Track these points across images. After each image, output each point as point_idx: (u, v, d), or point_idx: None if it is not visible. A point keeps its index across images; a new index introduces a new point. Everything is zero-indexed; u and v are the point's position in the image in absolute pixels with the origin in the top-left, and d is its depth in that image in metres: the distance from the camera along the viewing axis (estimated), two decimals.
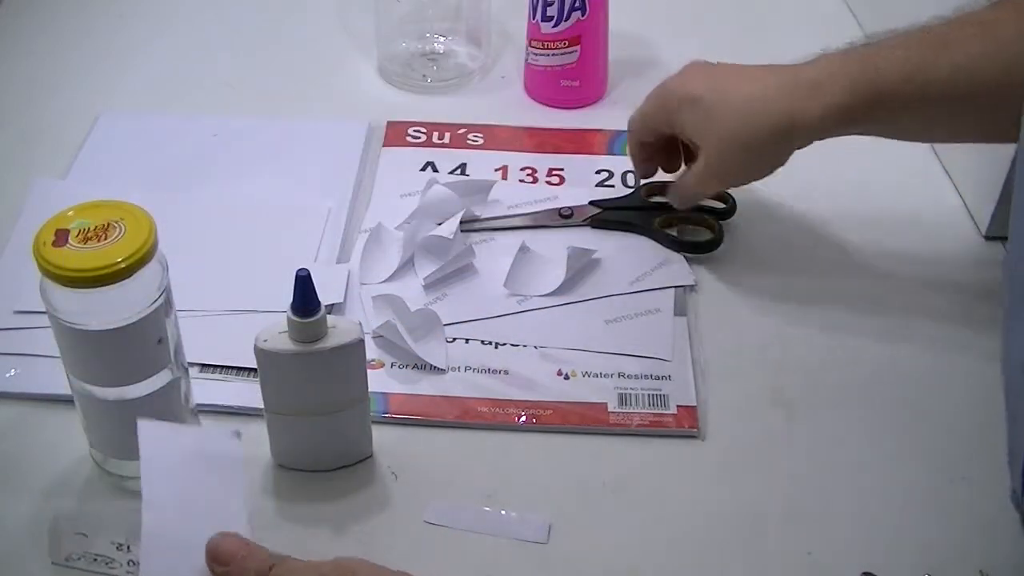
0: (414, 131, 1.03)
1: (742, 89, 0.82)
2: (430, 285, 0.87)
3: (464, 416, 0.78)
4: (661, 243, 0.91)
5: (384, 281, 0.88)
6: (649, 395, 0.80)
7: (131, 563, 0.57)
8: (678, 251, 0.90)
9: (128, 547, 0.57)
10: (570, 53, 1.04)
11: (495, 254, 0.90)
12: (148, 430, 0.60)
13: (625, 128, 1.03)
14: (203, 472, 0.60)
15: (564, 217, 0.94)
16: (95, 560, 0.57)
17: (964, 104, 0.78)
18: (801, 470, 0.76)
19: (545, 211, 0.94)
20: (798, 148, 0.81)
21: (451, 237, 0.87)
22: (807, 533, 0.72)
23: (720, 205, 0.93)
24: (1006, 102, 0.69)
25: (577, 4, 1.01)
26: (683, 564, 0.71)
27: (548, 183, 0.98)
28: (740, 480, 0.75)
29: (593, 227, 0.93)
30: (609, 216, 0.94)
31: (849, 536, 0.72)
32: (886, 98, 0.78)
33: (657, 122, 0.89)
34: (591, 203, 0.94)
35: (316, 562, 0.60)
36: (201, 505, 0.59)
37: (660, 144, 0.91)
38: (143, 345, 0.67)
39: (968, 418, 0.79)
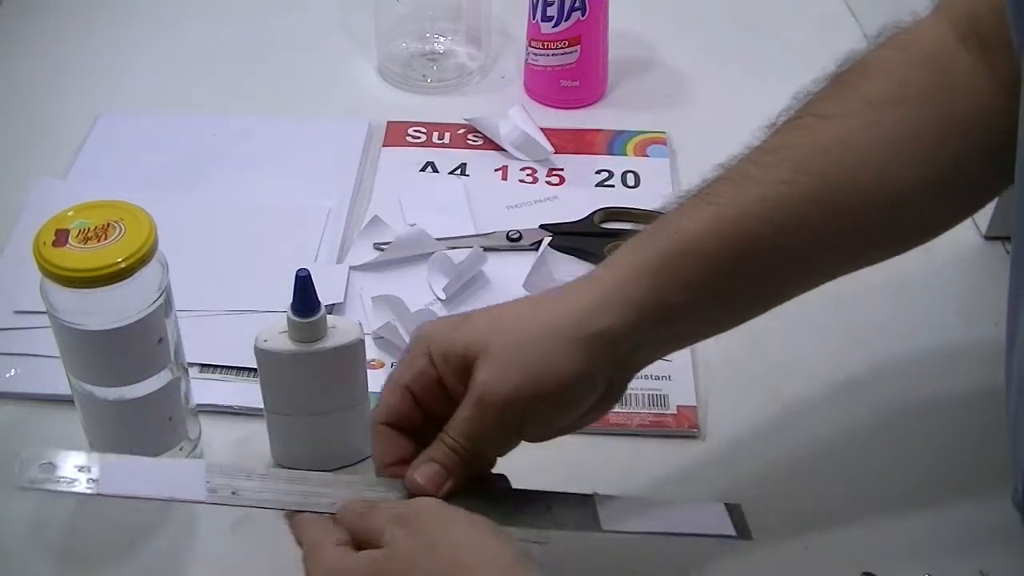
0: (414, 131, 1.03)
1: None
2: (450, 298, 0.86)
3: None
4: None
5: (359, 266, 0.88)
6: (649, 395, 0.80)
7: (90, 480, 0.60)
8: None
9: (90, 468, 0.60)
10: (570, 53, 1.04)
11: (502, 264, 0.90)
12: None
13: (625, 128, 1.04)
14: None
15: (512, 240, 0.91)
16: (59, 481, 0.59)
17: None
18: (801, 470, 0.76)
19: (494, 233, 0.92)
20: (610, 358, 0.62)
21: (460, 262, 0.86)
22: (806, 533, 0.72)
23: None
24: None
25: (577, 4, 1.01)
26: (683, 564, 0.71)
27: (548, 183, 0.98)
28: (740, 480, 0.75)
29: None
30: (559, 241, 0.90)
31: (849, 536, 0.72)
32: (700, 247, 0.62)
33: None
34: (541, 227, 0.93)
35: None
36: None
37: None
38: (143, 345, 0.67)
39: (968, 418, 0.79)
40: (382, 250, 0.90)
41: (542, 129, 1.02)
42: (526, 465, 0.75)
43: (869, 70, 0.67)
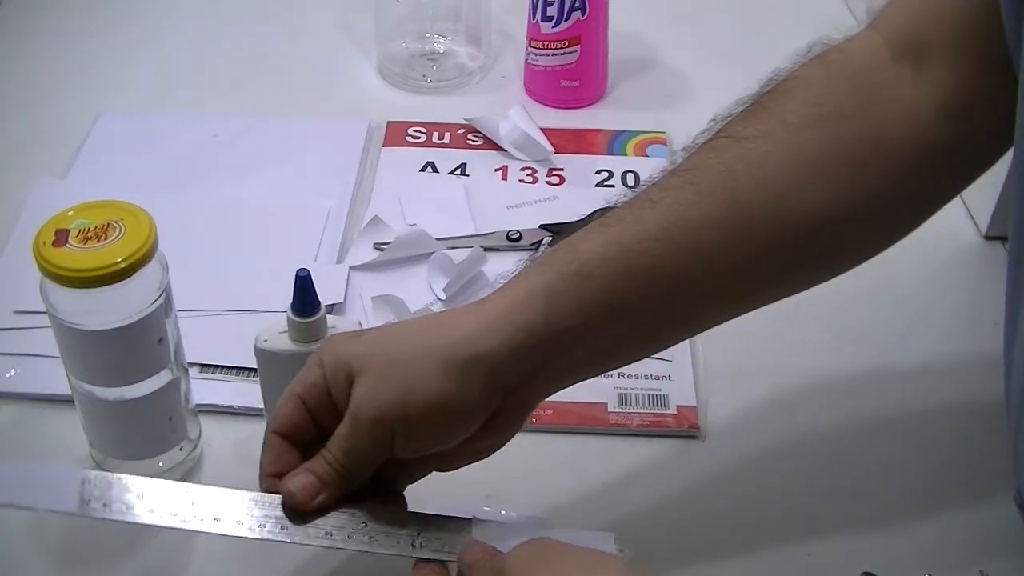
0: (414, 131, 1.03)
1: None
2: (450, 298, 0.86)
3: None
4: None
5: (359, 266, 0.88)
6: (649, 395, 0.80)
7: None
8: None
9: None
10: (570, 53, 1.04)
11: (502, 264, 0.89)
12: None
13: (625, 128, 1.04)
14: None
15: (512, 240, 0.92)
16: None
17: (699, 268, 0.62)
18: (801, 470, 0.76)
19: (494, 233, 0.92)
20: (493, 382, 0.60)
21: (460, 262, 0.86)
22: (807, 533, 0.72)
23: None
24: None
25: (577, 4, 1.01)
26: (683, 564, 0.71)
27: (548, 183, 0.98)
28: (740, 480, 0.75)
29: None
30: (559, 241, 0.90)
31: (849, 536, 0.72)
32: (597, 272, 0.60)
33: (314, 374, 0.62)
34: (541, 227, 0.93)
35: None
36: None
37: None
38: (143, 345, 0.67)
39: (968, 418, 0.79)
40: (382, 250, 0.90)
41: (542, 129, 1.02)
42: (525, 466, 0.75)
43: (790, 89, 0.65)
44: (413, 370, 0.59)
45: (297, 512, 0.61)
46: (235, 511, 0.61)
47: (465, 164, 1.00)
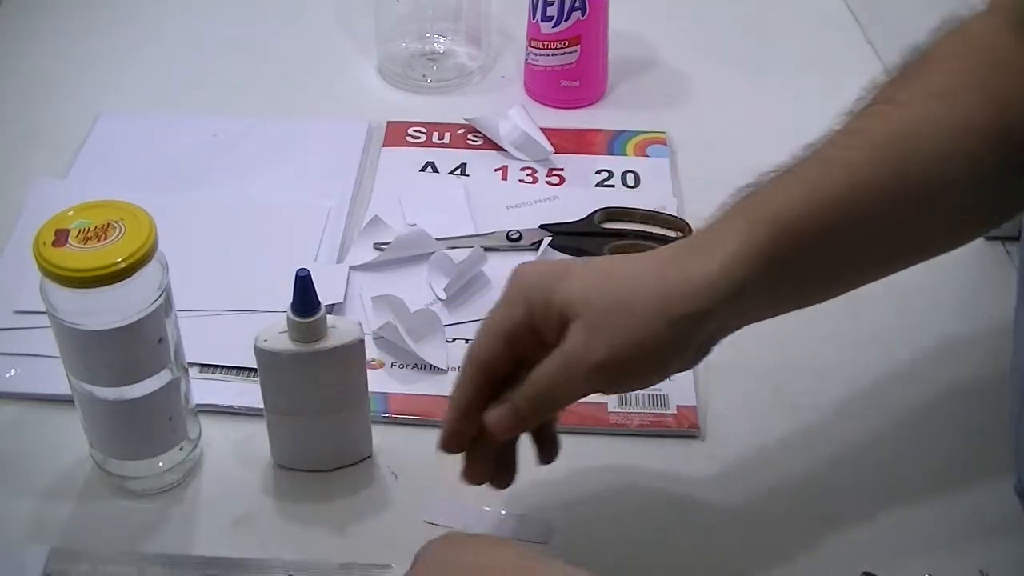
0: (414, 131, 1.03)
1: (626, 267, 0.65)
2: (450, 298, 0.86)
3: None
4: None
5: (358, 266, 0.88)
6: (649, 395, 0.80)
7: None
8: None
9: None
10: (570, 53, 1.04)
11: (502, 263, 0.90)
12: None
13: (625, 128, 1.04)
14: None
15: (512, 240, 0.92)
16: None
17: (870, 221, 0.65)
18: (801, 470, 0.76)
19: (494, 233, 0.92)
20: (705, 331, 0.63)
21: (460, 262, 0.86)
22: (807, 532, 0.72)
23: (675, 234, 0.90)
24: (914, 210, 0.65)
25: (577, 4, 1.01)
26: (683, 564, 0.71)
27: (548, 183, 0.98)
28: (740, 480, 0.75)
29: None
30: (559, 241, 0.90)
31: (849, 536, 0.72)
32: (796, 229, 0.63)
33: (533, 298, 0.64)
34: (541, 227, 0.93)
35: None
36: None
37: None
38: (143, 345, 0.67)
39: (968, 417, 0.79)
40: (382, 250, 0.90)
41: (542, 129, 1.02)
42: (525, 466, 0.75)
43: (934, 59, 0.68)
44: (640, 321, 0.61)
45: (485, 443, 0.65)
46: None
47: (465, 164, 1.00)
